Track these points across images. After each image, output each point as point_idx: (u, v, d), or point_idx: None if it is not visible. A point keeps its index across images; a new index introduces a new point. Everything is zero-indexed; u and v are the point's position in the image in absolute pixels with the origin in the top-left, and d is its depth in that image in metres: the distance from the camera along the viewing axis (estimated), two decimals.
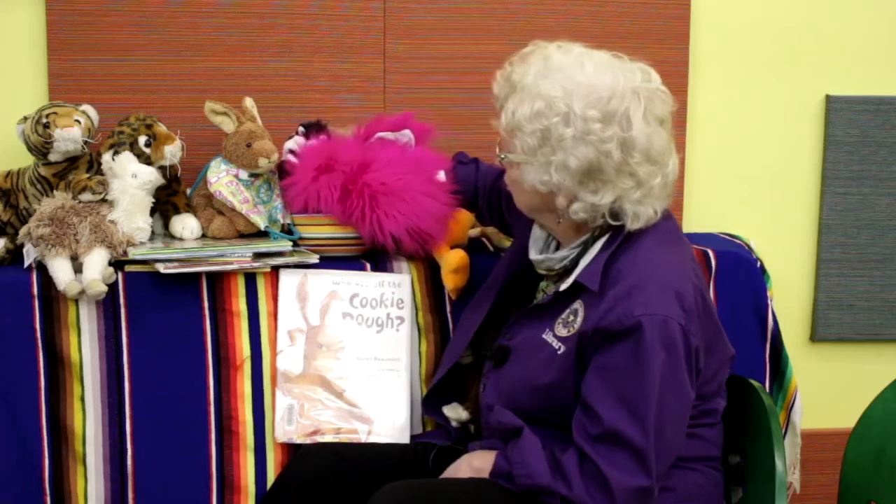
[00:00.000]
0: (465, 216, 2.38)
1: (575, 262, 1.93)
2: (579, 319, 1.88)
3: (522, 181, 1.91)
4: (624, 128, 1.83)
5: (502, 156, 1.94)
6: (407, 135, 2.35)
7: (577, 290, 1.91)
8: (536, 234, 2.04)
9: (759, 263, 2.43)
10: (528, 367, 1.94)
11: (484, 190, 2.32)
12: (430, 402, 2.22)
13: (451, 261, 2.27)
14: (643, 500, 1.82)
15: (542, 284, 2.07)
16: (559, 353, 1.90)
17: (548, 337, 1.93)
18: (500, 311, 2.11)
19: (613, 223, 1.88)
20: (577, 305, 1.90)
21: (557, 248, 2.01)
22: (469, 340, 2.13)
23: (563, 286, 1.92)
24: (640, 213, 1.87)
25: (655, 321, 1.79)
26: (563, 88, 1.84)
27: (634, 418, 1.79)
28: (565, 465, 1.84)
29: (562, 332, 1.91)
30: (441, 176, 2.30)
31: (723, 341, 1.99)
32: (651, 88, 1.88)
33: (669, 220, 1.96)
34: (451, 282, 2.27)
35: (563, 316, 1.92)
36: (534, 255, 2.02)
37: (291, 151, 2.34)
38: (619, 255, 1.88)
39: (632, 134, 1.83)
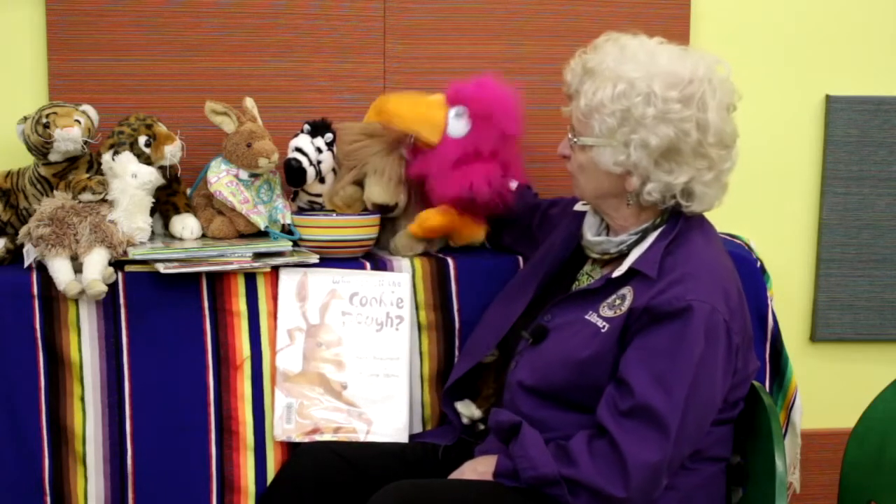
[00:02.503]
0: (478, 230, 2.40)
1: (629, 249, 1.98)
2: (627, 303, 1.93)
3: (596, 163, 1.96)
4: (701, 110, 1.91)
5: (575, 139, 1.99)
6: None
7: (627, 276, 1.95)
8: (590, 220, 2.09)
9: (759, 263, 2.43)
10: (569, 343, 1.96)
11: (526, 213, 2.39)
12: (444, 395, 2.23)
13: (431, 218, 2.32)
14: (654, 476, 1.84)
15: (587, 268, 2.10)
16: (603, 330, 1.93)
17: (591, 317, 1.96)
18: (532, 304, 2.13)
19: (684, 203, 1.95)
20: (626, 291, 1.94)
21: (608, 233, 2.06)
22: (500, 338, 2.14)
23: (618, 272, 1.97)
24: (708, 195, 1.96)
25: (704, 309, 1.85)
26: (644, 71, 1.91)
27: (666, 395, 1.83)
28: (572, 448, 1.86)
29: (607, 313, 1.95)
30: (513, 185, 2.35)
31: (752, 352, 2.03)
32: (722, 78, 1.96)
33: (712, 226, 2.04)
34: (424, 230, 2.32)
35: (610, 300, 1.96)
36: (590, 236, 2.06)
37: (298, 149, 2.34)
38: (675, 248, 1.94)
39: (707, 116, 1.91)
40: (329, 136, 2.37)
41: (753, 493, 2.07)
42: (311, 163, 2.34)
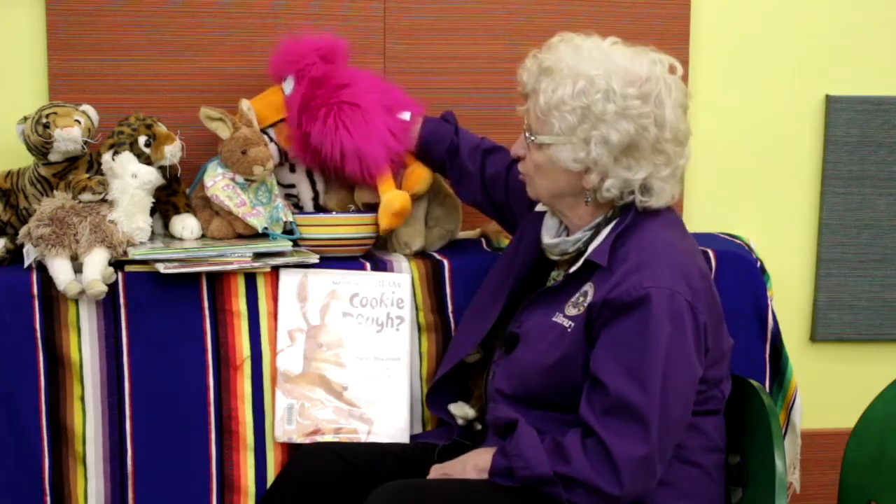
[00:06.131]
0: (425, 171, 2.38)
1: (586, 246, 1.99)
2: (588, 298, 1.93)
3: (555, 161, 1.97)
4: (658, 107, 1.93)
5: (533, 137, 1.99)
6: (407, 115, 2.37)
7: (587, 273, 1.96)
8: (549, 223, 2.09)
9: (759, 263, 2.43)
10: (539, 348, 1.97)
11: (473, 156, 2.35)
12: (434, 399, 2.23)
13: (395, 202, 2.29)
14: (645, 469, 1.84)
15: (553, 273, 2.11)
16: (569, 330, 1.94)
17: (558, 319, 1.97)
18: (508, 307, 2.13)
19: (641, 198, 1.96)
20: (587, 287, 1.95)
21: (568, 234, 2.06)
22: (481, 339, 2.14)
23: (574, 267, 1.98)
24: (665, 191, 1.97)
25: (663, 294, 1.85)
26: (602, 68, 1.93)
27: (640, 387, 1.83)
28: (566, 445, 1.87)
29: (572, 311, 1.96)
30: (405, 116, 2.35)
31: (724, 329, 2.03)
32: (676, 78, 1.98)
33: (672, 211, 2.04)
34: (386, 221, 2.29)
35: (574, 299, 1.97)
36: (547, 239, 2.07)
37: None
38: (627, 238, 1.95)
39: (665, 113, 1.93)
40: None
41: (753, 493, 2.06)
42: None
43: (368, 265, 2.30)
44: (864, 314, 2.76)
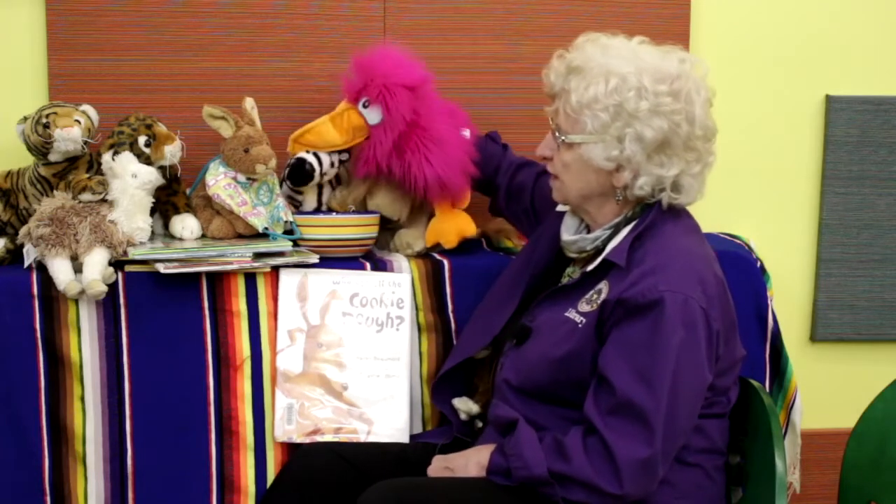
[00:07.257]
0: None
1: (604, 245, 1.99)
2: (602, 296, 1.93)
3: (586, 159, 1.97)
4: (688, 104, 1.94)
5: (563, 137, 1.99)
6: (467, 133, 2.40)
7: (603, 272, 1.97)
8: (568, 221, 2.10)
9: (759, 263, 2.43)
10: (549, 342, 1.97)
11: (507, 172, 2.39)
12: (439, 393, 2.23)
13: (469, 229, 2.36)
14: (647, 472, 1.84)
15: (569, 270, 2.11)
16: (580, 325, 1.94)
17: (570, 314, 1.97)
18: (522, 303, 2.13)
19: (673, 196, 1.96)
20: (602, 286, 1.95)
21: (588, 232, 2.07)
22: (495, 334, 2.14)
23: (591, 266, 1.98)
24: (694, 187, 1.99)
25: (677, 299, 1.85)
26: (633, 66, 1.93)
27: (647, 389, 1.83)
28: (567, 444, 1.87)
29: (585, 308, 1.96)
30: (465, 133, 2.37)
31: (737, 339, 2.03)
32: (702, 75, 1.99)
33: (690, 217, 2.05)
34: (453, 241, 2.34)
35: (588, 296, 1.97)
36: (566, 236, 2.07)
37: (316, 154, 2.36)
38: (646, 240, 1.95)
39: (695, 110, 1.94)
40: (346, 154, 2.39)
41: (753, 493, 2.07)
42: (320, 164, 2.35)
43: (368, 265, 2.30)
44: (864, 314, 2.76)
